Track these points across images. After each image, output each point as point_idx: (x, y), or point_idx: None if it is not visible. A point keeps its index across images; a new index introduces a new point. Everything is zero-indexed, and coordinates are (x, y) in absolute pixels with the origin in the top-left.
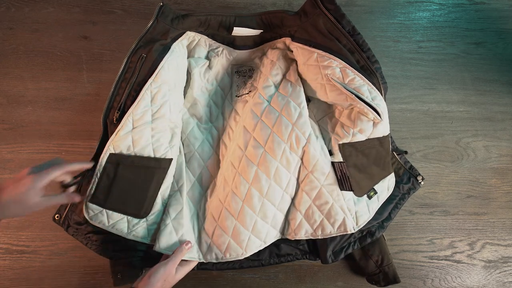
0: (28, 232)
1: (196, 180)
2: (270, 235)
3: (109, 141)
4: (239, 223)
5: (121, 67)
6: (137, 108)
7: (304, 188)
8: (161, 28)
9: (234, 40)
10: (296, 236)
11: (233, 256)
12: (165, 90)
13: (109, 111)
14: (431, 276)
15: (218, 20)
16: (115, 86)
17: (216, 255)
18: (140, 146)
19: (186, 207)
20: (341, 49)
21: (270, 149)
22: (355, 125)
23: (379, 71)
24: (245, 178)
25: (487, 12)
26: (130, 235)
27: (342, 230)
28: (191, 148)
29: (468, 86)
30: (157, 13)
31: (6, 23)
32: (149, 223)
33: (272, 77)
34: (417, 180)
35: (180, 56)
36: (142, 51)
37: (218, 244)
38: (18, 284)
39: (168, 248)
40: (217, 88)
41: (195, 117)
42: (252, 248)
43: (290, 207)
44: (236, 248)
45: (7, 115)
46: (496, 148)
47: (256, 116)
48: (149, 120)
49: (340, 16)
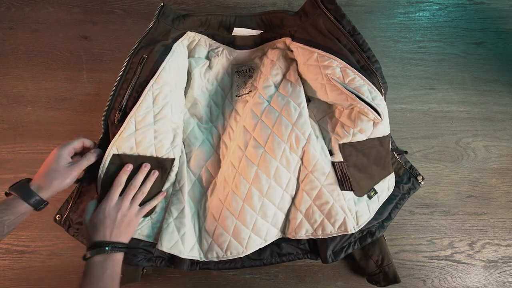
0: (28, 232)
1: (197, 179)
2: (270, 234)
3: (112, 142)
4: (240, 222)
5: (122, 67)
6: (139, 110)
7: (304, 188)
8: (162, 28)
9: (234, 40)
10: (296, 235)
11: (234, 254)
12: (166, 91)
13: (110, 112)
14: (431, 276)
15: (218, 20)
16: (116, 86)
17: (217, 254)
18: (142, 147)
19: (187, 206)
20: (342, 49)
21: (270, 149)
22: (356, 125)
23: (379, 71)
24: (245, 178)
25: (487, 12)
26: (135, 233)
27: (343, 230)
28: (192, 148)
29: (468, 86)
30: (158, 14)
31: (6, 23)
32: (153, 221)
33: (272, 77)
34: (417, 180)
35: (180, 57)
36: (143, 51)
37: (219, 243)
38: (18, 284)
39: (171, 247)
40: (217, 88)
41: (196, 117)
42: (252, 246)
43: (291, 206)
44: (237, 246)
45: (7, 115)
46: (496, 148)
47: (256, 116)
48: (151, 122)
49: (341, 16)
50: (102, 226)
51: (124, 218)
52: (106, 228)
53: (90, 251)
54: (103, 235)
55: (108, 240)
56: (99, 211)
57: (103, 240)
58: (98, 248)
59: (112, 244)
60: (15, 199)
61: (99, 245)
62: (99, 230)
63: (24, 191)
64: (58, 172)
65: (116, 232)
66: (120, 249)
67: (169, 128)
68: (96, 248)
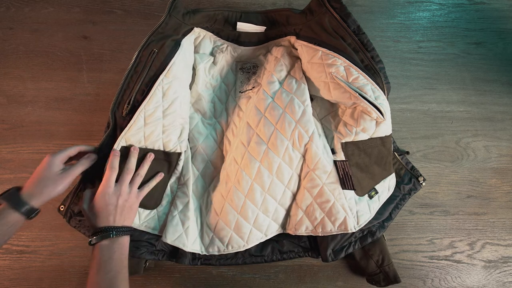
0: (28, 232)
1: (200, 174)
2: (271, 229)
3: (121, 135)
4: (241, 217)
5: (131, 60)
6: (149, 104)
7: (305, 186)
8: (174, 23)
9: (239, 37)
10: (296, 231)
11: (235, 248)
12: (176, 86)
13: (118, 104)
14: (431, 276)
15: (224, 16)
16: (125, 78)
17: (218, 248)
18: (150, 141)
19: (191, 200)
20: (346, 48)
21: (273, 146)
22: (358, 124)
23: (383, 71)
24: (248, 174)
25: (487, 12)
26: (142, 226)
27: (343, 228)
28: (195, 143)
29: (468, 86)
30: (170, 8)
31: (6, 23)
32: (159, 214)
33: (276, 73)
34: (418, 181)
35: (188, 52)
36: (154, 46)
37: (220, 237)
38: (18, 284)
39: (175, 239)
40: (221, 84)
41: (200, 112)
42: (253, 240)
43: (292, 203)
44: (238, 240)
45: (7, 115)
46: (496, 148)
47: (260, 112)
48: (160, 116)
49: (346, 15)
50: (104, 213)
51: (126, 203)
52: (109, 215)
53: (96, 237)
54: (106, 221)
55: (111, 225)
56: (99, 198)
57: (107, 226)
58: (103, 233)
59: (117, 229)
60: (5, 208)
61: (104, 230)
62: (101, 217)
63: (15, 200)
64: (49, 179)
65: (119, 218)
66: (125, 233)
67: (177, 123)
68: (101, 234)
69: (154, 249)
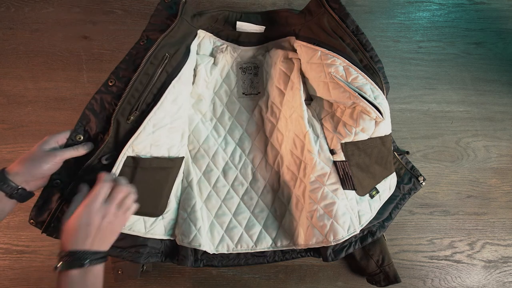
0: (28, 232)
1: (203, 175)
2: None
3: (128, 143)
4: (253, 216)
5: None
6: (159, 110)
7: (308, 191)
8: (185, 27)
9: (239, 37)
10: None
11: (243, 248)
12: (184, 92)
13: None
14: (431, 276)
15: (225, 15)
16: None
17: (228, 246)
18: (156, 148)
19: (197, 201)
20: (345, 48)
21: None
22: (358, 124)
23: (382, 71)
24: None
25: (487, 12)
26: (148, 234)
27: (352, 231)
28: (196, 144)
29: (468, 86)
30: (181, 11)
31: (6, 23)
32: (165, 220)
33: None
34: (419, 180)
35: (193, 55)
36: (166, 49)
37: (230, 236)
38: (18, 284)
39: (190, 241)
40: (221, 84)
41: (200, 113)
42: (262, 243)
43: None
44: (247, 240)
45: (7, 115)
46: (496, 148)
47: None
48: (168, 122)
49: (345, 15)
50: (82, 234)
51: (109, 226)
52: (87, 236)
53: (63, 263)
54: (82, 243)
55: (88, 249)
56: (81, 214)
57: (81, 250)
58: (75, 260)
59: (93, 256)
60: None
61: (76, 256)
62: (77, 238)
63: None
64: (36, 156)
65: (98, 242)
66: (101, 260)
67: (179, 128)
68: (71, 260)
69: (157, 252)
